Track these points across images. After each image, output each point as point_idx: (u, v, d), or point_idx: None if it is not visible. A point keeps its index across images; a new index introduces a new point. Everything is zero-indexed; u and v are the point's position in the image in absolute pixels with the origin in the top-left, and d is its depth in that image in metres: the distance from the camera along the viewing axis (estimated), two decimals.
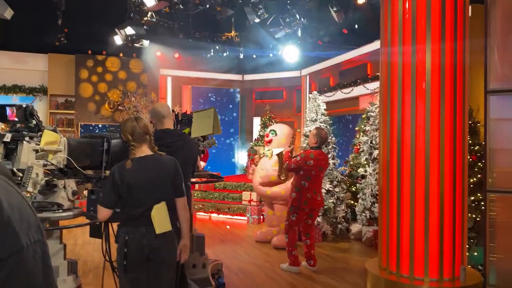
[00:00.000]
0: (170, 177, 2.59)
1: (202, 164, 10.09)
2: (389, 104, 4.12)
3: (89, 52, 10.20)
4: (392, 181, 4.09)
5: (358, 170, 6.83)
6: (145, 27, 8.63)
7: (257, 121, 13.14)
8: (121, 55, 10.39)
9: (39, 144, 3.02)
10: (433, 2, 3.88)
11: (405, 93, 3.99)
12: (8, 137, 2.85)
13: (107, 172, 4.10)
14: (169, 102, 11.43)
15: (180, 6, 7.07)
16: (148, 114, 10.29)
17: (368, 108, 7.12)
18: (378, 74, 8.29)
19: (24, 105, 3.00)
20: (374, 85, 8.63)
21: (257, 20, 7.58)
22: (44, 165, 3.05)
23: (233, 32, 10.85)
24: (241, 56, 11.00)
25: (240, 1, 7.46)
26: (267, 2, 7.41)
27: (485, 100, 3.99)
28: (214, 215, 8.57)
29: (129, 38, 9.39)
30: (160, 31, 10.24)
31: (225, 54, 11.01)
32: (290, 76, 12.15)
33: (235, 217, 8.32)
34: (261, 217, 7.96)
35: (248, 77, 12.71)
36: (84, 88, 9.98)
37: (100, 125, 9.98)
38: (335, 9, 7.17)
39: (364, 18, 8.17)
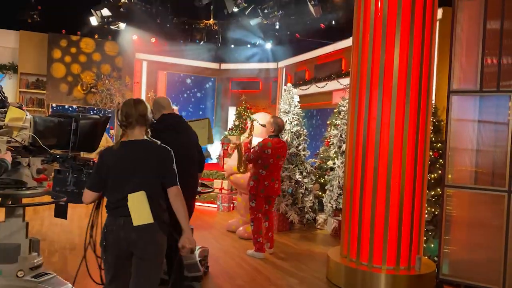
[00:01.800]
0: (157, 165, 2.39)
1: None
2: (357, 99, 4.26)
3: (63, 31, 9.97)
4: (356, 174, 4.25)
5: (327, 163, 7.00)
6: (121, 9, 8.50)
7: (232, 111, 13.17)
8: (96, 36, 10.20)
9: (3, 120, 3.00)
10: (404, 3, 4.02)
11: (373, 90, 4.13)
12: None
13: (79, 153, 4.10)
14: (143, 87, 11.31)
15: None
16: (121, 97, 10.17)
17: (340, 103, 7.29)
18: None
19: None
20: (348, 81, 8.81)
21: (235, 9, 7.59)
22: (8, 142, 3.03)
23: (211, 20, 10.81)
24: (219, 44, 10.97)
25: None
26: None
27: (448, 99, 4.18)
28: None
29: (105, 19, 9.24)
30: (137, 14, 10.09)
31: (202, 42, 10.96)
32: (267, 68, 12.22)
33: (206, 204, 8.38)
34: (232, 205, 8.06)
35: (225, 66, 12.70)
36: (57, 68, 9.76)
37: (73, 107, 9.81)
38: (312, 3, 7.25)
39: (341, 14, 8.29)
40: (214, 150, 12.62)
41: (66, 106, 9.74)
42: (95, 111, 9.85)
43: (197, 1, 7.82)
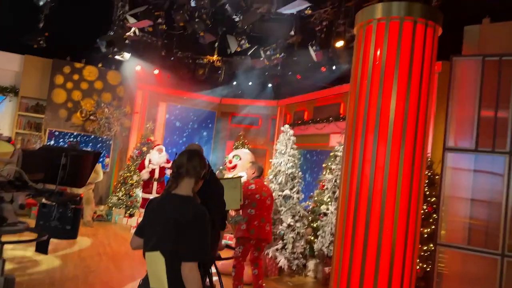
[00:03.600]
0: (184, 228, 2.06)
1: None
2: (352, 143, 4.19)
3: (68, 58, 10.10)
4: (348, 221, 4.15)
5: (321, 207, 6.91)
6: (127, 41, 8.64)
7: (230, 145, 13.17)
8: (100, 65, 10.32)
9: None
10: (402, 54, 4.03)
11: (368, 135, 4.05)
12: None
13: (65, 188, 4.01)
14: (144, 117, 11.34)
15: (164, 26, 7.13)
16: (119, 126, 10.17)
17: (336, 147, 7.28)
18: None
19: None
20: (345, 125, 8.85)
21: (238, 49, 7.72)
22: None
23: (215, 56, 10.98)
24: (221, 80, 11.10)
25: (224, 29, 7.59)
26: (250, 33, 7.57)
27: (443, 156, 4.16)
28: None
29: (111, 49, 9.38)
30: (143, 46, 10.26)
31: (204, 77, 11.10)
32: (267, 105, 12.32)
33: None
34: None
35: (226, 101, 12.81)
36: (58, 94, 9.82)
37: (73, 133, 9.78)
38: (314, 48, 7.37)
39: (341, 60, 8.42)
40: None
41: (63, 132, 9.71)
42: (92, 138, 9.83)
43: (201, 38, 7.96)
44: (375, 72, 4.10)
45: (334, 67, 9.37)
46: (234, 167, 6.09)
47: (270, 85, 12.03)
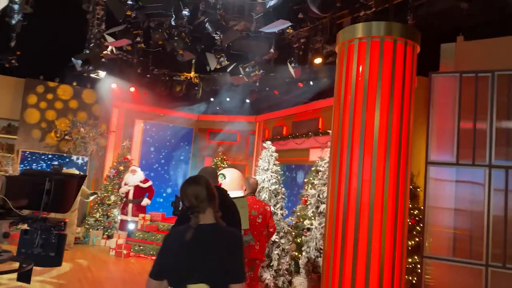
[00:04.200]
0: (227, 254, 2.10)
1: (146, 201, 9.85)
2: (339, 157, 4.24)
3: (41, 77, 9.87)
4: (337, 235, 4.16)
5: (304, 222, 6.92)
6: (103, 59, 8.53)
7: (208, 162, 13.10)
8: (74, 84, 10.13)
9: None
10: (384, 71, 4.14)
11: (354, 148, 4.11)
12: None
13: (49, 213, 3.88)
14: (120, 136, 11.16)
15: (142, 45, 7.09)
16: (95, 145, 9.97)
17: (317, 162, 7.35)
18: (329, 130, 8.64)
19: None
20: (324, 139, 8.98)
21: (217, 66, 7.75)
22: None
23: (192, 73, 10.98)
24: (199, 96, 11.08)
25: (203, 46, 7.61)
26: (229, 51, 7.62)
27: (426, 169, 4.26)
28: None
29: (86, 68, 9.23)
30: (118, 63, 10.15)
31: (181, 94, 11.05)
32: (245, 121, 12.36)
33: None
34: None
35: (204, 117, 12.78)
36: (30, 114, 9.55)
37: (47, 154, 9.50)
38: (293, 65, 7.49)
39: (319, 76, 8.58)
40: None
41: (38, 153, 9.43)
42: (68, 159, 9.58)
43: (179, 56, 7.94)
44: (359, 88, 4.19)
45: (311, 83, 9.53)
46: (219, 186, 6.00)
47: (248, 100, 12.08)
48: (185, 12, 5.70)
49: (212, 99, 12.19)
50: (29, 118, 9.54)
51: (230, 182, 6.12)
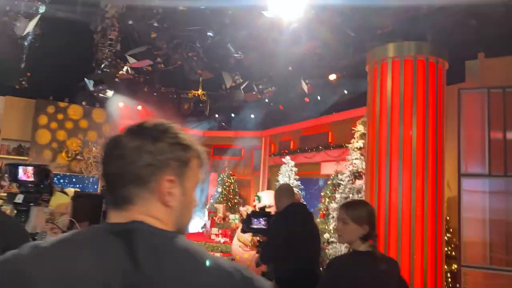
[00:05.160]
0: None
1: None
2: (377, 172, 4.38)
3: (51, 98, 9.89)
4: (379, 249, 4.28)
5: (324, 236, 7.02)
6: (116, 79, 8.61)
7: (214, 177, 13.15)
8: (84, 103, 10.17)
9: (47, 207, 2.89)
10: (418, 87, 4.32)
11: (393, 162, 4.26)
12: (19, 199, 2.70)
13: None
14: None
15: (162, 65, 7.21)
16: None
17: (338, 176, 7.47)
18: (341, 144, 8.79)
19: (41, 165, 2.89)
20: (336, 153, 9.16)
21: (232, 85, 7.89)
22: (51, 228, 2.91)
23: (200, 90, 11.09)
24: (207, 114, 11.19)
25: (217, 65, 7.76)
26: (243, 69, 7.77)
27: (459, 182, 4.43)
28: None
29: (98, 88, 9.29)
30: (125, 82, 10.23)
31: (189, 112, 11.14)
32: (250, 136, 12.49)
33: None
34: None
35: (209, 133, 12.87)
36: (42, 135, 9.54)
37: (58, 174, 9.47)
38: (307, 81, 7.67)
39: (329, 91, 8.77)
40: (198, 219, 12.38)
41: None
42: (79, 178, 9.56)
43: (192, 75, 8.07)
44: (395, 104, 4.36)
45: (318, 97, 9.72)
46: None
47: (252, 116, 12.23)
48: (210, 34, 5.86)
49: (217, 115, 12.31)
50: (40, 139, 9.52)
51: (265, 204, 6.21)
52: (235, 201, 11.90)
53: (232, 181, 11.91)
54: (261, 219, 3.07)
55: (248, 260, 5.76)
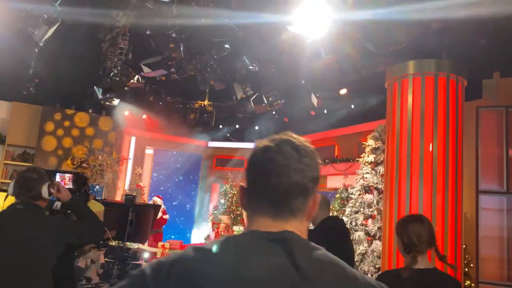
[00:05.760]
0: None
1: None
2: (397, 187, 4.42)
3: (58, 105, 9.87)
4: (398, 265, 4.30)
5: None
6: (126, 88, 8.63)
7: (216, 188, 13.13)
8: (90, 111, 10.15)
9: None
10: (439, 104, 4.39)
11: (413, 177, 4.32)
12: (57, 206, 2.70)
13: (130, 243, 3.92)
14: (130, 163, 11.15)
15: (175, 75, 7.25)
16: (112, 173, 9.92)
17: (341, 190, 7.52)
18: (347, 158, 8.84)
19: (79, 173, 2.90)
20: (341, 167, 9.21)
21: (243, 96, 7.94)
22: None
23: (206, 101, 11.13)
24: (213, 124, 11.21)
25: (228, 77, 7.81)
26: (254, 81, 7.84)
27: (477, 199, 4.48)
28: None
29: (106, 96, 9.29)
30: (131, 91, 10.24)
31: (195, 122, 11.17)
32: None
33: None
34: None
35: (212, 144, 12.88)
36: (47, 141, 9.49)
37: None
38: (317, 95, 7.74)
39: (338, 105, 8.85)
40: (202, 230, 12.32)
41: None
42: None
43: (202, 85, 8.12)
44: (415, 120, 4.43)
45: (325, 111, 9.79)
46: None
47: (257, 127, 12.27)
48: (227, 46, 5.92)
49: (220, 126, 12.32)
50: (46, 146, 9.47)
51: None
52: (238, 212, 11.88)
53: (235, 192, 11.90)
54: None
55: None
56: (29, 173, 2.27)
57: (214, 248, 0.80)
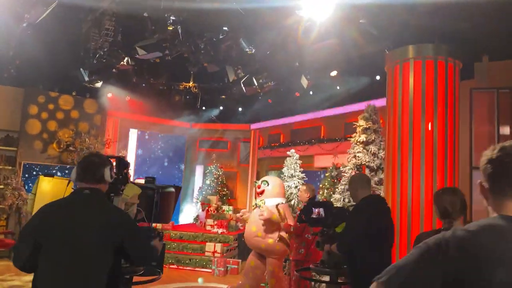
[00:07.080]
0: None
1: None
2: (399, 165, 4.71)
3: (41, 87, 9.61)
4: (402, 240, 4.61)
5: None
6: (114, 70, 8.50)
7: (200, 170, 13.22)
8: (74, 93, 9.95)
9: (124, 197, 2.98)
10: (439, 85, 4.67)
11: (415, 156, 4.61)
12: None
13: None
14: (116, 145, 11.05)
15: (169, 57, 7.22)
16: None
17: (331, 168, 7.81)
18: (334, 138, 9.12)
19: (121, 157, 2.97)
20: (329, 147, 9.51)
21: (235, 78, 8.01)
22: None
23: (191, 82, 11.10)
24: (198, 106, 11.23)
25: (221, 59, 7.84)
26: (245, 63, 7.91)
27: (470, 173, 4.83)
28: (173, 267, 8.29)
29: (92, 78, 9.13)
30: (114, 73, 10.08)
31: (180, 104, 11.15)
32: (238, 129, 12.64)
33: (197, 269, 8.17)
34: (225, 269, 7.96)
35: (197, 126, 12.90)
36: (32, 125, 9.27)
37: (49, 165, 9.26)
38: (308, 77, 7.91)
39: (325, 87, 9.07)
40: (190, 210, 12.43)
41: (39, 164, 9.16)
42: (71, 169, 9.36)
43: (190, 66, 8.12)
44: (416, 100, 4.69)
45: (311, 92, 10.00)
46: (262, 192, 6.16)
47: (240, 109, 12.37)
48: (225, 28, 5.95)
49: (203, 108, 12.34)
50: (31, 129, 9.25)
51: (273, 188, 6.30)
52: (223, 192, 12.06)
53: (220, 173, 12.05)
54: (320, 209, 3.24)
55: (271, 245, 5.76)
56: (92, 157, 2.33)
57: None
